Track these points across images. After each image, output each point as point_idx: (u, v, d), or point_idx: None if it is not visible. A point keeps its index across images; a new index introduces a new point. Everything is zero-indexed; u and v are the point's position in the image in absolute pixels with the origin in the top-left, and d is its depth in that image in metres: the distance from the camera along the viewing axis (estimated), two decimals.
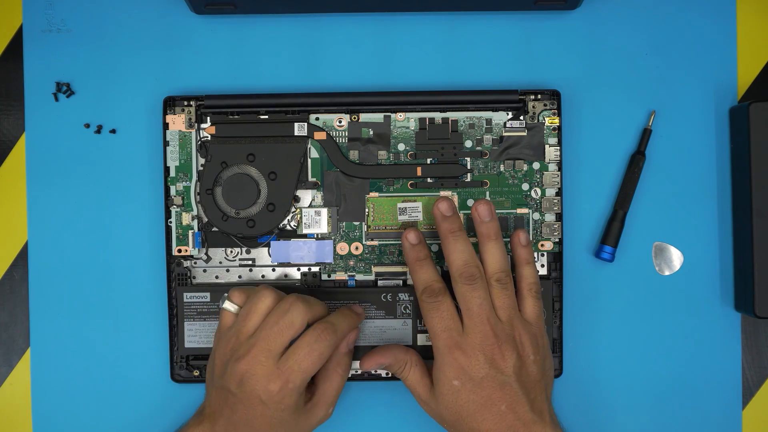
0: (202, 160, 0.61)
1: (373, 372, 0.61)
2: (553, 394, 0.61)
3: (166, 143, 0.61)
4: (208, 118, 0.61)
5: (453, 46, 0.63)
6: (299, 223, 0.62)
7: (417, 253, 0.58)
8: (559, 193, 0.61)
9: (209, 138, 0.61)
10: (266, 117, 0.61)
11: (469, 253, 0.57)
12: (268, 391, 0.54)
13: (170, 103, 0.61)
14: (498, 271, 0.56)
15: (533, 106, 0.61)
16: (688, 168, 0.63)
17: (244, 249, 0.62)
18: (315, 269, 0.62)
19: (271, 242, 0.62)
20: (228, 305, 0.57)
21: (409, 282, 0.62)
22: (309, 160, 0.62)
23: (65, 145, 0.63)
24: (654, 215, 0.62)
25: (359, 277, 0.62)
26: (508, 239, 0.60)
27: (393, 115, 0.62)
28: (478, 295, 0.55)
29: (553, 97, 0.61)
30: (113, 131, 0.63)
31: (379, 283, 0.62)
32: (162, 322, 0.62)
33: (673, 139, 0.62)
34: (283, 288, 0.61)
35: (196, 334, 0.61)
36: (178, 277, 0.61)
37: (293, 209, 0.62)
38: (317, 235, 0.62)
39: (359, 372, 0.61)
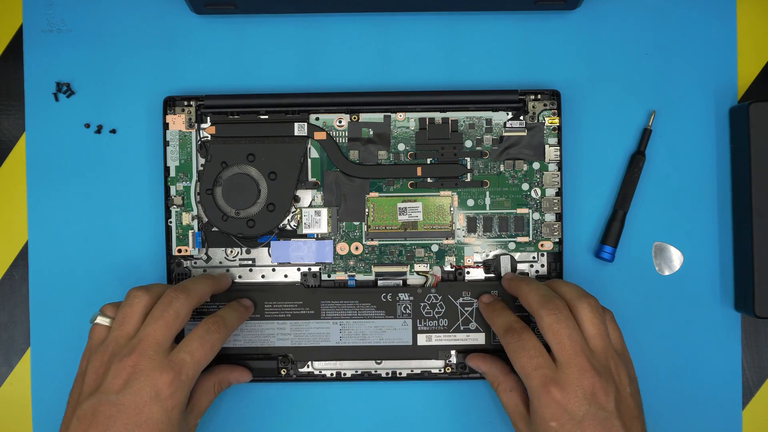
0: (202, 160, 0.61)
1: (373, 372, 0.61)
2: None
3: (166, 143, 0.61)
4: (208, 118, 0.61)
5: (453, 46, 0.63)
6: (299, 223, 0.62)
7: (494, 305, 0.58)
8: (559, 193, 0.61)
9: (209, 138, 0.61)
10: (266, 117, 0.61)
11: (544, 287, 0.55)
12: (160, 383, 0.51)
13: (170, 103, 0.61)
14: (582, 293, 0.54)
15: (533, 106, 0.61)
16: (688, 168, 0.63)
17: (244, 249, 0.62)
18: (315, 269, 0.62)
19: (271, 242, 0.62)
20: (101, 319, 0.54)
21: (409, 282, 0.62)
22: (309, 160, 0.62)
23: (65, 145, 0.63)
24: (654, 215, 0.62)
25: (359, 277, 0.62)
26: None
27: (393, 115, 0.62)
28: (567, 326, 0.52)
29: (553, 97, 0.61)
30: (113, 131, 0.63)
31: (379, 283, 0.62)
32: None
33: (673, 139, 0.62)
34: (284, 288, 0.61)
35: None
36: (178, 277, 0.61)
37: (293, 209, 0.62)
38: (317, 235, 0.62)
39: (359, 372, 0.61)
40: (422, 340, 0.61)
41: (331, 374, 0.61)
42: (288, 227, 0.62)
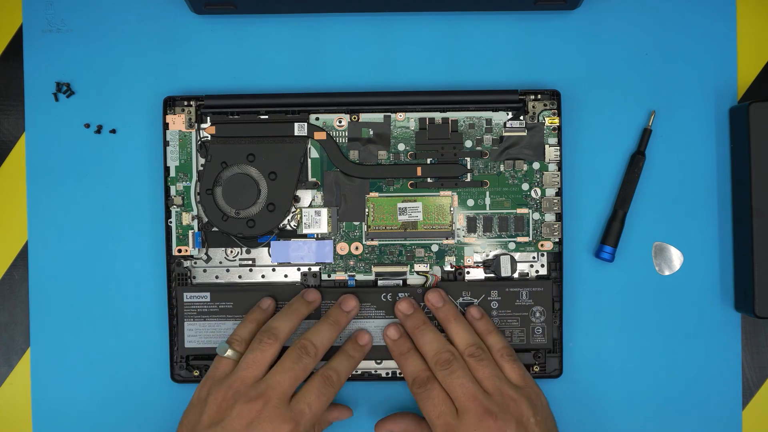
0: (202, 160, 0.61)
1: (373, 372, 0.61)
2: (553, 395, 0.61)
3: (166, 143, 0.61)
4: (208, 118, 0.61)
5: (453, 46, 0.63)
6: (299, 223, 0.62)
7: (400, 347, 0.59)
8: (559, 193, 0.61)
9: (209, 138, 0.61)
10: (266, 117, 0.61)
11: (438, 341, 0.57)
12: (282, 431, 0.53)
13: (170, 103, 0.61)
14: (468, 346, 0.57)
15: (533, 106, 0.61)
16: (688, 168, 0.63)
17: (244, 249, 0.62)
18: (315, 269, 0.62)
19: (271, 242, 0.62)
20: (229, 353, 0.56)
21: (409, 282, 0.62)
22: (309, 160, 0.62)
23: (65, 145, 0.63)
24: (654, 215, 0.62)
25: (359, 277, 0.62)
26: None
27: (393, 115, 0.62)
28: (458, 376, 0.55)
29: (553, 97, 0.61)
30: (113, 131, 0.63)
31: (379, 283, 0.62)
32: (162, 322, 0.62)
33: (673, 139, 0.62)
34: (284, 288, 0.61)
35: (196, 334, 0.61)
36: (178, 277, 0.61)
37: (293, 209, 0.62)
38: (317, 235, 0.62)
39: (359, 372, 0.61)
40: None
41: None
42: (288, 227, 0.62)
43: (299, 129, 0.61)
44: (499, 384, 0.56)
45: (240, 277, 0.62)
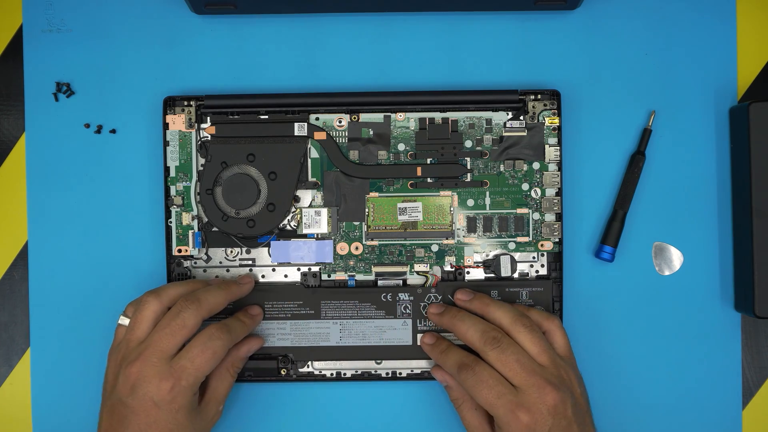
0: (202, 160, 0.61)
1: (373, 372, 0.61)
2: None
3: (166, 143, 0.61)
4: (208, 118, 0.61)
5: (453, 46, 0.63)
6: (299, 223, 0.62)
7: (438, 347, 0.58)
8: (559, 193, 0.61)
9: (209, 138, 0.61)
10: (266, 117, 0.61)
11: (480, 322, 0.56)
12: (161, 391, 0.53)
13: (170, 103, 0.61)
14: (515, 317, 0.56)
15: (533, 106, 0.61)
16: (688, 168, 0.63)
17: (244, 249, 0.62)
18: (315, 269, 0.62)
19: (271, 242, 0.62)
20: (122, 320, 0.57)
21: (409, 282, 0.62)
22: (309, 160, 0.62)
23: (65, 145, 0.63)
24: (654, 215, 0.62)
25: (359, 277, 0.62)
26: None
27: (393, 115, 0.62)
28: (512, 352, 0.54)
29: (553, 97, 0.61)
30: (113, 131, 0.63)
31: (379, 283, 0.62)
32: None
33: (673, 139, 0.62)
34: (284, 288, 0.61)
35: None
36: (178, 277, 0.61)
37: (293, 209, 0.62)
38: (317, 235, 0.62)
39: (359, 372, 0.61)
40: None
41: (331, 374, 0.61)
42: (288, 227, 0.62)
43: (299, 129, 0.61)
44: (552, 357, 0.55)
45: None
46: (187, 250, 0.61)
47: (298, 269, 0.62)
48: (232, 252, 0.62)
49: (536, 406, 0.53)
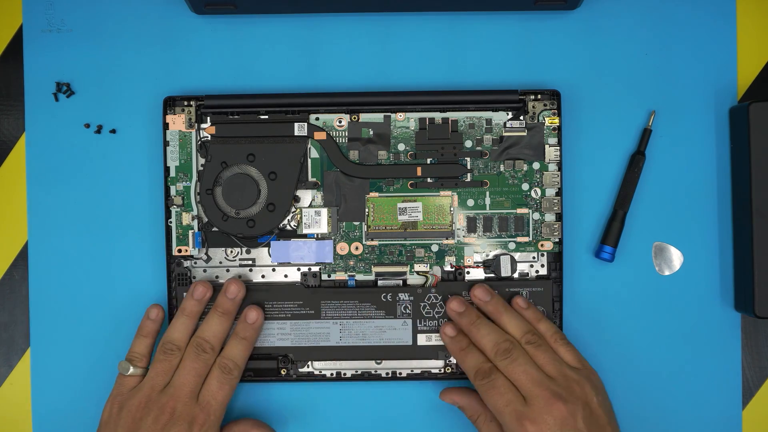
0: (202, 160, 0.61)
1: (373, 372, 0.61)
2: None
3: (166, 143, 0.61)
4: (208, 118, 0.61)
5: (453, 46, 0.63)
6: (299, 223, 0.62)
7: (458, 344, 0.59)
8: (559, 193, 0.61)
9: (209, 138, 0.61)
10: (266, 117, 0.61)
11: (495, 332, 0.58)
12: (195, 425, 0.56)
13: (170, 103, 0.61)
14: (524, 334, 0.58)
15: (533, 106, 0.61)
16: (688, 168, 0.63)
17: (244, 249, 0.62)
18: (315, 269, 0.62)
19: (271, 242, 0.62)
20: (134, 370, 0.59)
21: (409, 282, 0.62)
22: (309, 160, 0.62)
23: (65, 145, 0.63)
24: (654, 215, 0.62)
25: (359, 277, 0.62)
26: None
27: (393, 115, 0.62)
28: (520, 363, 0.56)
29: (553, 97, 0.61)
30: (113, 131, 0.63)
31: (379, 283, 0.62)
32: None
33: (673, 139, 0.62)
34: (284, 288, 0.61)
35: None
36: (178, 277, 0.61)
37: (293, 209, 0.62)
38: (317, 235, 0.62)
39: (359, 372, 0.61)
40: (422, 340, 0.61)
41: (331, 374, 0.61)
42: (288, 227, 0.62)
43: (299, 129, 0.61)
44: (560, 367, 0.56)
45: (240, 277, 0.62)
46: (187, 250, 0.61)
47: (298, 269, 0.62)
48: (232, 252, 0.62)
49: (542, 417, 0.54)
